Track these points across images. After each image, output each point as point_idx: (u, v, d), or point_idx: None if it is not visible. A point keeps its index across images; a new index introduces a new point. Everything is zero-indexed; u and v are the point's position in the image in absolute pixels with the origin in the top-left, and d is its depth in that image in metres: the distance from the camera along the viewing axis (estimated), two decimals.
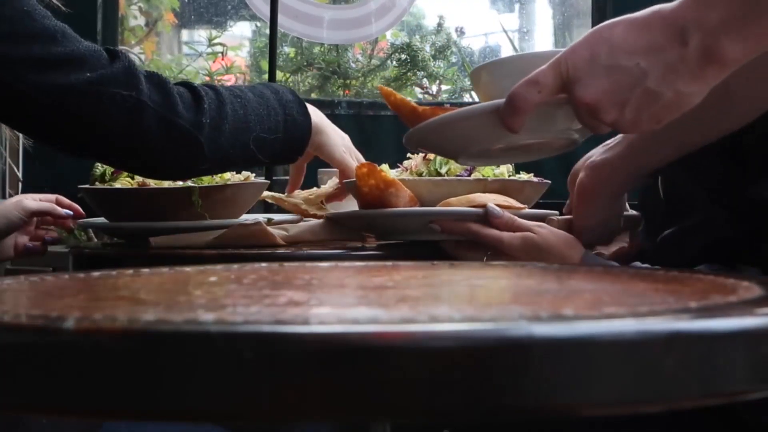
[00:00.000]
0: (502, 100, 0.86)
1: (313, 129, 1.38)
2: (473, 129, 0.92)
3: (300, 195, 1.55)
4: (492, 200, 1.27)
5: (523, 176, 1.42)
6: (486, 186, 1.33)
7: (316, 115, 1.40)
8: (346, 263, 0.85)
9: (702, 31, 0.75)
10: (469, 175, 1.36)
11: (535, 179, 1.41)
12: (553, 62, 0.82)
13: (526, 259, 1.21)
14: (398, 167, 1.45)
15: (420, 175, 1.38)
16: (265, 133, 1.29)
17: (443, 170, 1.38)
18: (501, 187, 1.34)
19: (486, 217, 1.24)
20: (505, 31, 3.58)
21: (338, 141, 1.44)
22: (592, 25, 2.64)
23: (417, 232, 1.30)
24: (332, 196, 1.54)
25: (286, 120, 1.32)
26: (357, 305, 0.54)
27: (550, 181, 1.43)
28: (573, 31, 3.55)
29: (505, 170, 1.40)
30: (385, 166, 1.43)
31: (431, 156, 1.40)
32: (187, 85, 1.26)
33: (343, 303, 0.56)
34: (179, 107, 1.20)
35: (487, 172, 1.38)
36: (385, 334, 0.42)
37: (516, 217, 1.25)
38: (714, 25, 0.75)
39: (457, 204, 1.28)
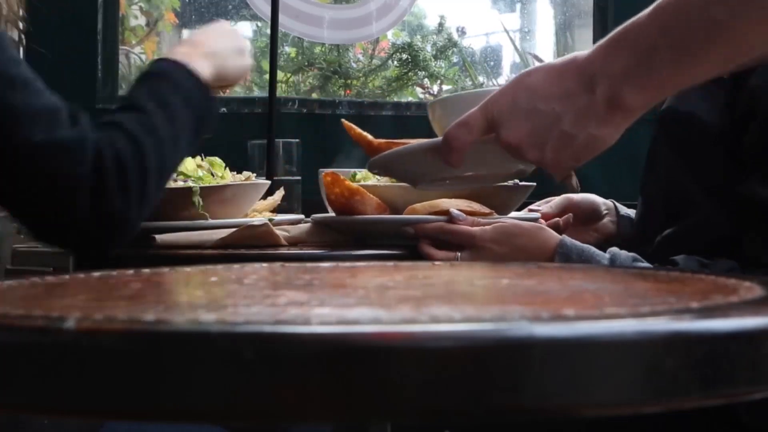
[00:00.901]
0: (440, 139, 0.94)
1: (212, 82, 1.27)
2: (422, 163, 0.99)
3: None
4: (455, 205, 1.29)
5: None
6: (457, 192, 1.34)
7: (208, 63, 1.27)
8: (347, 263, 0.85)
9: (607, 80, 0.81)
10: None
11: (510, 183, 1.41)
12: (482, 105, 0.89)
13: (499, 249, 1.22)
14: None
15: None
16: (182, 152, 1.21)
17: None
18: (473, 192, 1.35)
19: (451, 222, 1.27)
20: (507, 31, 3.58)
21: (234, 70, 1.32)
22: (593, 25, 2.64)
23: (388, 237, 1.35)
24: None
25: (197, 121, 1.21)
26: (358, 305, 0.54)
27: (533, 184, 1.43)
28: (574, 31, 3.54)
29: None
30: (362, 171, 1.45)
31: None
32: (116, 155, 1.12)
33: (343, 303, 0.56)
34: (111, 184, 1.09)
35: None
36: (386, 335, 0.42)
37: (480, 219, 1.27)
38: (617, 75, 0.81)
39: (421, 209, 1.33)
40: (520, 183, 1.42)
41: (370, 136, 1.21)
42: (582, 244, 1.21)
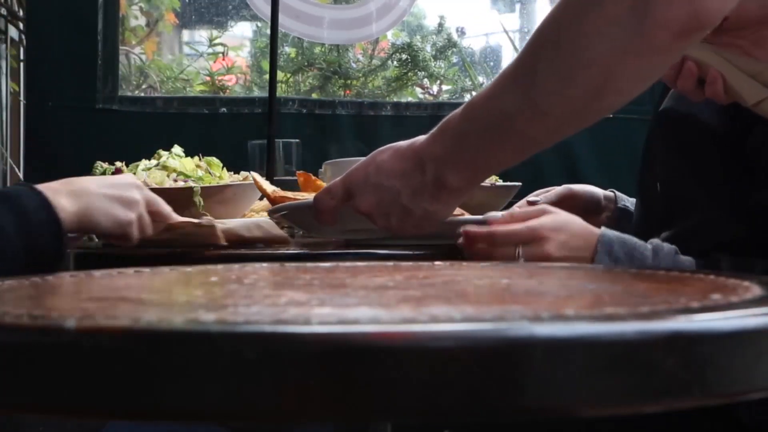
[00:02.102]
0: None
1: (72, 220, 1.14)
2: (308, 217, 1.11)
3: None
4: None
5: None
6: None
7: (80, 201, 1.16)
8: (347, 263, 0.85)
9: (433, 163, 0.93)
10: None
11: (488, 183, 1.40)
12: (343, 176, 1.03)
13: (558, 237, 1.20)
14: None
15: None
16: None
17: None
18: None
19: None
20: (506, 32, 3.58)
21: (106, 217, 1.18)
22: None
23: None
24: None
25: (26, 250, 1.08)
26: (358, 305, 0.54)
27: (518, 184, 1.42)
28: None
29: None
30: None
31: None
32: None
33: (344, 303, 0.56)
34: None
35: None
36: (386, 335, 0.42)
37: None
38: (439, 159, 0.92)
39: None
40: (503, 183, 1.41)
41: (269, 189, 1.34)
42: (622, 235, 1.19)
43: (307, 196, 1.27)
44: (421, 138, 0.96)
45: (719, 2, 0.76)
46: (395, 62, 3.38)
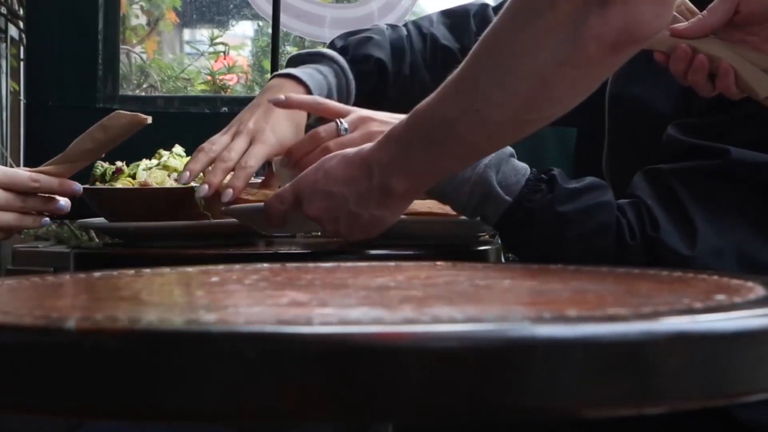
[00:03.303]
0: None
1: None
2: (259, 219, 1.13)
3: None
4: (428, 207, 1.27)
5: None
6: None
7: None
8: (349, 263, 0.85)
9: (379, 169, 0.94)
10: None
11: None
12: (293, 182, 1.05)
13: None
14: None
15: None
16: None
17: None
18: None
19: None
20: None
21: None
22: None
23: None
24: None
25: None
26: (359, 306, 0.54)
27: None
28: None
29: None
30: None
31: None
32: None
33: (345, 303, 0.56)
34: None
35: None
36: (388, 335, 0.42)
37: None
38: (385, 165, 0.94)
39: None
40: None
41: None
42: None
43: (263, 198, 1.27)
44: (369, 145, 0.99)
45: (652, 19, 0.79)
46: None
